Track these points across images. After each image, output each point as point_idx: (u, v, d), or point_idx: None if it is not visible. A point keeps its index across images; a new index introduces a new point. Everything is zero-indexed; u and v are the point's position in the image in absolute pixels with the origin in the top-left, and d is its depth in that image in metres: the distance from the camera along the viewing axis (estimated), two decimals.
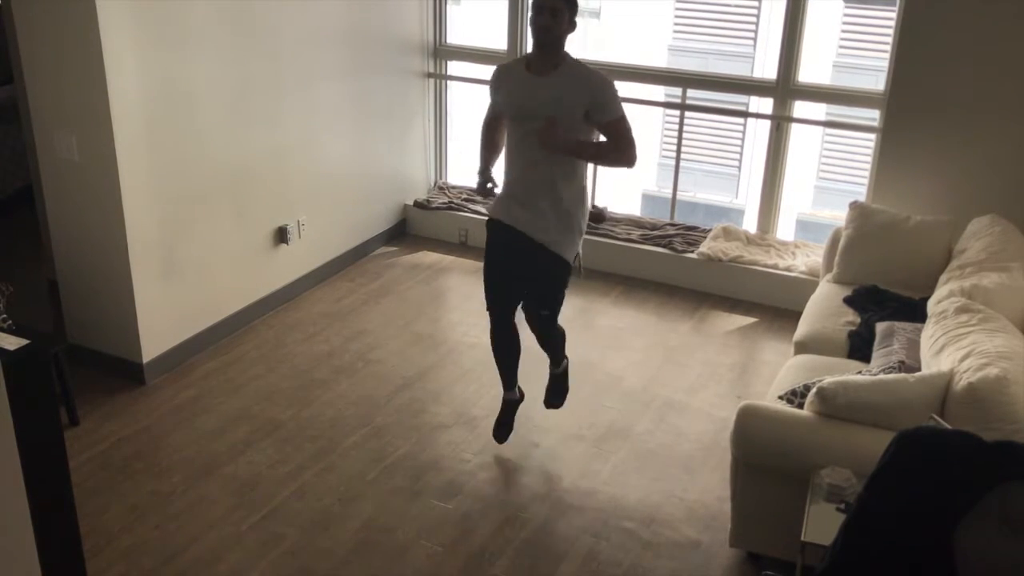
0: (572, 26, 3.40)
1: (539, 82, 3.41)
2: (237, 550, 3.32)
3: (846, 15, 6.97)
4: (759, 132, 6.46)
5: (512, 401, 3.90)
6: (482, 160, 3.74)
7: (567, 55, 3.45)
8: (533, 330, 3.79)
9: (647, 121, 7.88)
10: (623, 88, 5.84)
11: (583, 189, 3.58)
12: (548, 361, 3.93)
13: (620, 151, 3.46)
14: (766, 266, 5.25)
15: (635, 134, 3.45)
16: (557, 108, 3.37)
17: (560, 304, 3.69)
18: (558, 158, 3.43)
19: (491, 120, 3.73)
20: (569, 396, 4.26)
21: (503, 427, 3.89)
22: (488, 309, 3.71)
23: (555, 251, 3.52)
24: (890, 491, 1.59)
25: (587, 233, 5.62)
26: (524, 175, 3.51)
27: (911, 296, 4.15)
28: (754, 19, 7.16)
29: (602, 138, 3.50)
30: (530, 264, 3.56)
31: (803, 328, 4.10)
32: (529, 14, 3.43)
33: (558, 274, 3.59)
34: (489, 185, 3.67)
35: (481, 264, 3.71)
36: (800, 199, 7.56)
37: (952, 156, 4.73)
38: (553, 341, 3.85)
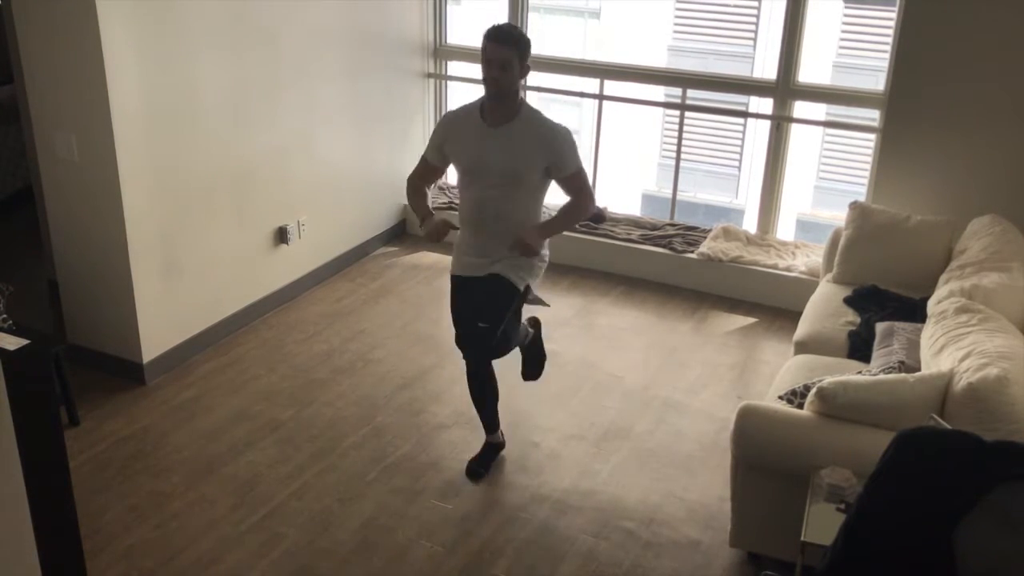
0: (525, 71, 3.32)
1: (495, 136, 3.33)
2: (237, 550, 3.32)
3: (846, 15, 6.97)
4: (759, 132, 6.46)
5: (495, 444, 3.82)
6: (419, 212, 3.59)
7: (523, 103, 3.38)
8: (476, 354, 3.59)
9: (647, 121, 7.89)
10: (623, 88, 5.89)
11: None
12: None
13: (582, 207, 3.48)
14: (766, 266, 5.25)
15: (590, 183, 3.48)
16: (510, 167, 3.31)
17: (498, 321, 3.48)
18: (517, 218, 3.39)
19: (422, 175, 3.63)
20: (569, 396, 4.27)
21: (479, 467, 3.74)
22: (464, 357, 3.62)
23: (501, 274, 3.44)
24: (890, 491, 1.59)
25: (587, 233, 5.66)
26: (477, 232, 3.46)
27: (911, 296, 4.15)
28: (754, 19, 7.16)
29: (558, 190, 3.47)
30: (481, 294, 3.49)
31: (803, 328, 4.10)
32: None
33: (499, 288, 3.46)
34: (444, 226, 3.48)
35: None
36: (800, 199, 7.57)
37: (952, 156, 4.73)
38: (483, 382, 3.65)
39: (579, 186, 3.43)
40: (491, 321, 3.48)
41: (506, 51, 3.23)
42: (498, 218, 3.40)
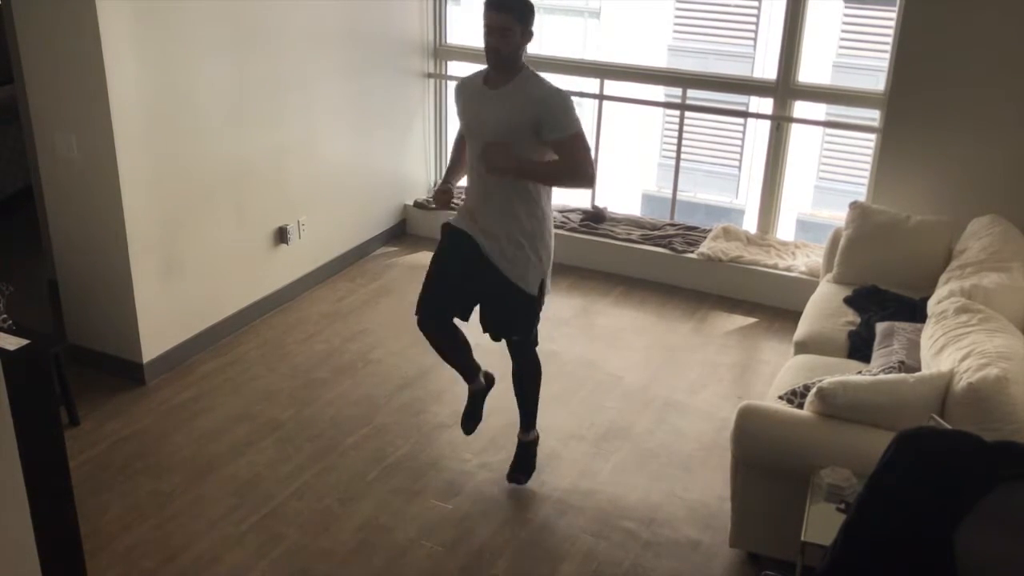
0: (528, 37, 3.24)
1: (490, 97, 3.28)
2: (237, 550, 3.32)
3: (846, 15, 6.98)
4: (759, 132, 6.46)
5: (479, 391, 3.70)
6: (447, 172, 3.60)
7: (524, 68, 3.29)
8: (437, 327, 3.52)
9: (647, 121, 7.89)
10: (623, 88, 5.89)
11: (544, 215, 3.37)
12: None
13: (572, 171, 3.25)
14: (766, 266, 5.25)
15: (591, 154, 3.27)
16: (503, 125, 3.22)
17: (530, 329, 3.48)
18: (512, 179, 3.27)
19: (460, 138, 3.58)
20: (569, 396, 4.26)
21: (470, 419, 3.71)
22: (420, 319, 3.49)
23: (512, 279, 3.34)
24: (890, 491, 1.59)
25: (587, 233, 5.66)
26: (479, 197, 3.38)
27: (911, 296, 4.15)
28: (754, 19, 7.16)
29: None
30: (484, 283, 3.38)
31: (803, 328, 4.10)
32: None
33: (519, 302, 3.39)
34: (446, 195, 3.44)
35: None
36: (800, 199, 7.57)
37: (952, 156, 4.73)
38: (528, 379, 3.60)
39: (572, 151, 3.22)
40: (520, 332, 3.48)
41: (506, 17, 3.16)
42: (492, 185, 3.30)
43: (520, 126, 3.21)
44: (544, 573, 3.26)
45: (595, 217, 5.79)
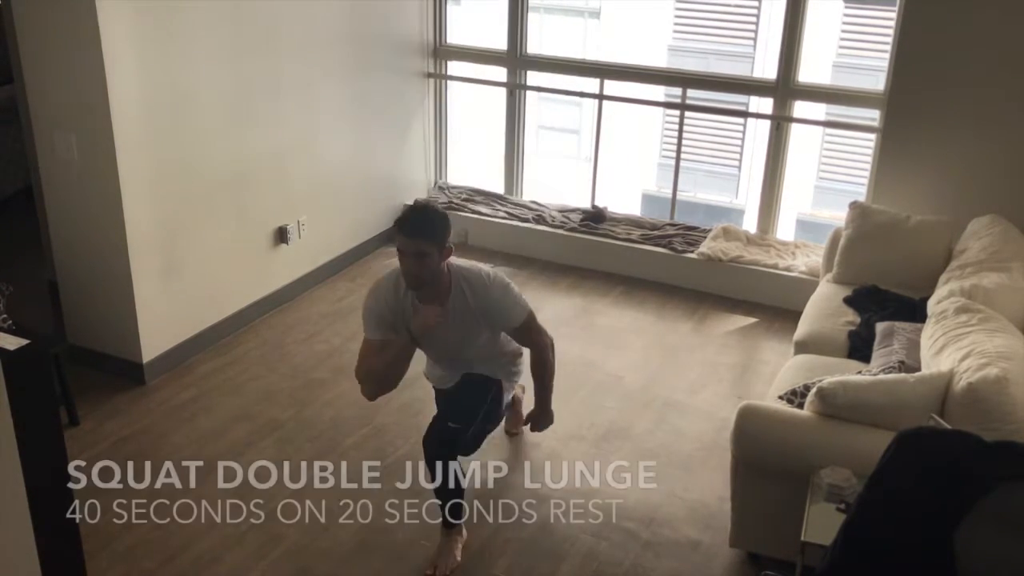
0: (448, 252, 3.07)
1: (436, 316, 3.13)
2: (237, 550, 3.31)
3: (846, 15, 6.97)
4: (759, 132, 6.46)
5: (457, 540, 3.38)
6: (391, 351, 3.23)
7: (451, 276, 3.15)
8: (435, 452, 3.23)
9: (647, 121, 7.89)
10: (623, 88, 5.88)
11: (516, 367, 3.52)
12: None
13: (543, 355, 3.36)
14: (766, 266, 5.24)
15: (539, 323, 3.35)
16: (462, 344, 3.27)
17: (471, 425, 3.24)
18: (483, 356, 3.34)
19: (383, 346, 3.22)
20: (569, 396, 4.26)
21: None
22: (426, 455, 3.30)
23: (484, 373, 3.37)
24: (890, 491, 1.59)
25: (587, 233, 5.66)
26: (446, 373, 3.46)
27: (911, 296, 4.15)
28: (754, 19, 7.15)
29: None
30: (454, 391, 3.41)
31: (803, 328, 4.10)
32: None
33: (472, 387, 3.34)
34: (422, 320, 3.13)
35: (482, 264, 3.65)
36: (800, 199, 7.56)
37: (952, 156, 4.73)
38: (452, 471, 3.18)
39: (529, 335, 3.31)
40: (462, 420, 3.24)
41: (419, 242, 2.97)
42: (467, 367, 3.39)
43: (477, 335, 3.27)
44: (544, 573, 3.26)
45: (595, 217, 5.79)
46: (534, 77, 6.03)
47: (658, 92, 6.24)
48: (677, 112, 5.74)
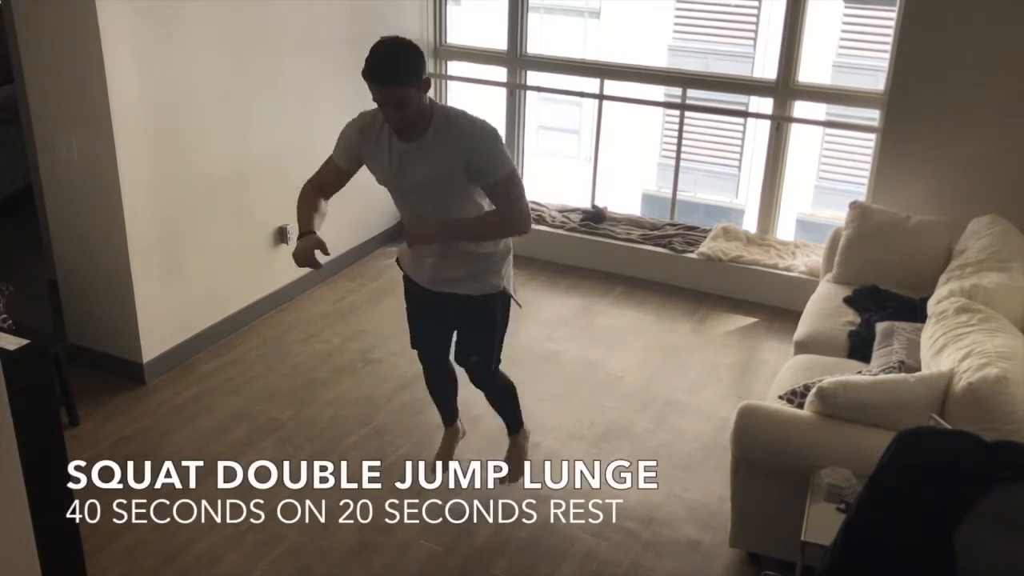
0: (427, 87, 2.87)
1: (407, 153, 2.96)
2: (237, 550, 3.31)
3: (846, 15, 6.97)
4: (759, 132, 6.46)
5: (453, 435, 3.75)
6: (305, 220, 3.12)
7: (434, 111, 2.94)
8: (472, 381, 3.44)
9: (647, 121, 7.89)
10: (623, 88, 5.89)
11: (494, 243, 3.20)
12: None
13: (505, 221, 3.00)
14: (766, 266, 5.25)
15: (524, 192, 3.00)
16: (432, 183, 2.95)
17: (492, 349, 3.30)
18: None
19: (321, 182, 3.22)
20: (569, 396, 4.26)
21: (444, 458, 3.69)
22: (418, 355, 3.51)
23: (471, 294, 3.16)
24: (890, 491, 1.59)
25: (587, 233, 5.66)
26: (419, 249, 3.14)
27: (911, 296, 4.15)
28: (754, 19, 7.15)
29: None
30: (449, 313, 3.26)
31: (803, 328, 4.10)
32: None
33: (483, 317, 3.23)
34: (309, 253, 3.05)
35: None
36: (800, 199, 7.56)
37: (952, 156, 4.73)
38: (496, 395, 3.50)
39: (504, 196, 2.95)
40: (480, 353, 3.25)
41: (396, 89, 2.78)
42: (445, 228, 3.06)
43: (451, 179, 2.94)
44: (544, 573, 3.26)
45: (595, 217, 5.79)
46: (534, 77, 6.03)
47: (658, 92, 6.25)
48: (677, 112, 5.74)
